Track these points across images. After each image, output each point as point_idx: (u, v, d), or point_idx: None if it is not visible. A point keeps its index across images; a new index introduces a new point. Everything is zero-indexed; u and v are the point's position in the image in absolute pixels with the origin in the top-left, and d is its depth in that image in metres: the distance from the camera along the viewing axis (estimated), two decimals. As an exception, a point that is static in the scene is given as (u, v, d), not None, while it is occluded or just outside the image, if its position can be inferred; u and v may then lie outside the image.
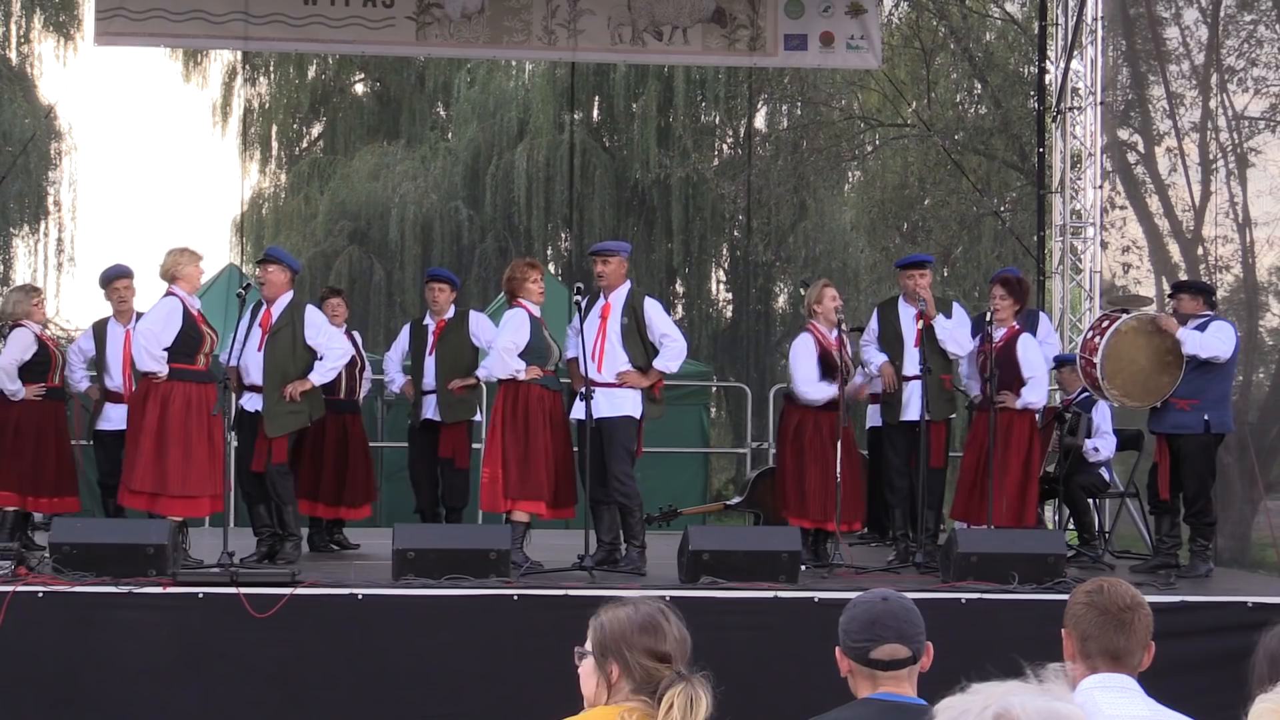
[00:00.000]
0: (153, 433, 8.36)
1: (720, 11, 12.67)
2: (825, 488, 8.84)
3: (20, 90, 22.08)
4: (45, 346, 9.31)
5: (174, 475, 8.37)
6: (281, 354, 8.70)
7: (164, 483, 8.35)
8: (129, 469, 8.44)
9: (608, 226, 22.25)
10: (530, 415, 8.61)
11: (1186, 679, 6.54)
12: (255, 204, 25.15)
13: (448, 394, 9.38)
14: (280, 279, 8.88)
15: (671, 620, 3.05)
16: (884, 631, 3.16)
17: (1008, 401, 8.98)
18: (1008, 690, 1.87)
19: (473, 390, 9.49)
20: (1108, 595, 3.31)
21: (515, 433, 8.59)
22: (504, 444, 8.58)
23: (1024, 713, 1.80)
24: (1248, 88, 17.46)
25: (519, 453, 8.54)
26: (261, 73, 25.23)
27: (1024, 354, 9.09)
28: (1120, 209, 17.40)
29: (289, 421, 8.73)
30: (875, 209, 22.06)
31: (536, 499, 8.57)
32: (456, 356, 9.45)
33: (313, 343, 8.79)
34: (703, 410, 15.94)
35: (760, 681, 7.18)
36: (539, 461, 8.54)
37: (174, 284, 8.69)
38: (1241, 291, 16.92)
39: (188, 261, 8.76)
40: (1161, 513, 9.20)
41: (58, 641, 7.16)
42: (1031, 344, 9.27)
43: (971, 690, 1.90)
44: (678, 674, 2.92)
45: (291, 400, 8.66)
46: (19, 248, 23.35)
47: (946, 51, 20.92)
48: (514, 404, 8.65)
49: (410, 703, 7.28)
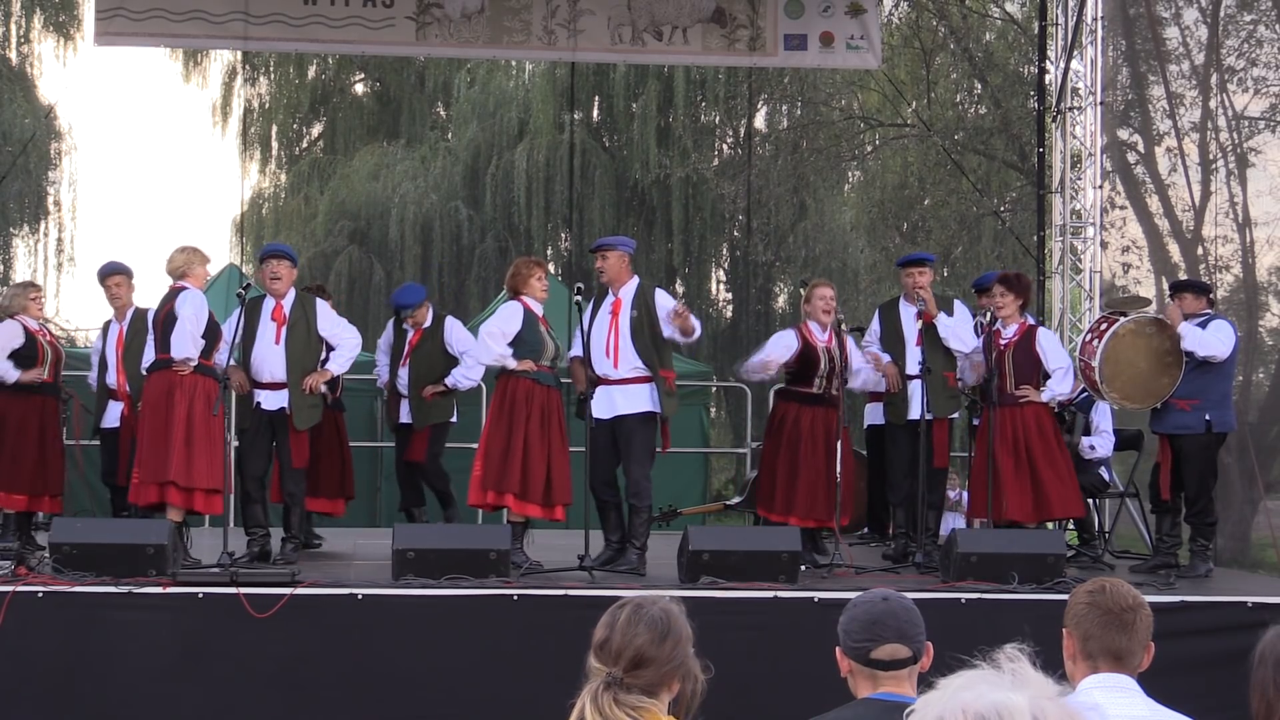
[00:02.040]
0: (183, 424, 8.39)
1: (720, 11, 12.67)
2: (813, 486, 8.79)
3: (20, 90, 22.09)
4: (34, 340, 9.27)
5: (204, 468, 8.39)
6: (299, 347, 8.73)
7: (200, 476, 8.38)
8: (158, 463, 8.37)
9: (608, 226, 22.25)
10: (515, 408, 8.55)
11: (1186, 679, 6.54)
12: (255, 204, 25.16)
13: (420, 399, 9.40)
14: (291, 274, 8.93)
15: (624, 618, 3.01)
16: (884, 631, 3.16)
17: (1030, 395, 8.90)
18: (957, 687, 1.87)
19: (447, 396, 9.49)
20: (1109, 595, 3.31)
21: (500, 426, 8.54)
22: (488, 436, 8.59)
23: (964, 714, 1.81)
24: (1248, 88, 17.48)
25: (500, 445, 8.51)
26: (261, 73, 25.24)
27: (1046, 346, 9.03)
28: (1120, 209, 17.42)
29: (313, 415, 8.79)
30: (875, 209, 22.06)
31: (514, 493, 8.47)
32: (431, 362, 9.45)
33: (326, 334, 8.85)
34: (702, 410, 15.94)
35: (760, 681, 7.18)
36: (517, 456, 8.47)
37: (183, 281, 8.71)
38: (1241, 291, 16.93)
39: (199, 261, 8.82)
40: (1162, 512, 9.19)
41: (58, 641, 7.16)
42: (1052, 336, 9.25)
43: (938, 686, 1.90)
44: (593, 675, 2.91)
45: (311, 393, 8.70)
46: (19, 248, 23.39)
47: (946, 51, 20.92)
48: (503, 397, 8.62)
49: (410, 703, 7.28)
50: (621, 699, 2.86)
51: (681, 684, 2.97)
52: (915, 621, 3.19)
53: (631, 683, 2.91)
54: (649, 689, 2.94)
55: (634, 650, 2.94)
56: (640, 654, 2.94)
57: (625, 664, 2.92)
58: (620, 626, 2.97)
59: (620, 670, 2.91)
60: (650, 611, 3.01)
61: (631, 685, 2.91)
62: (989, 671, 1.89)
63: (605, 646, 2.96)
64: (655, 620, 2.98)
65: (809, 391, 8.89)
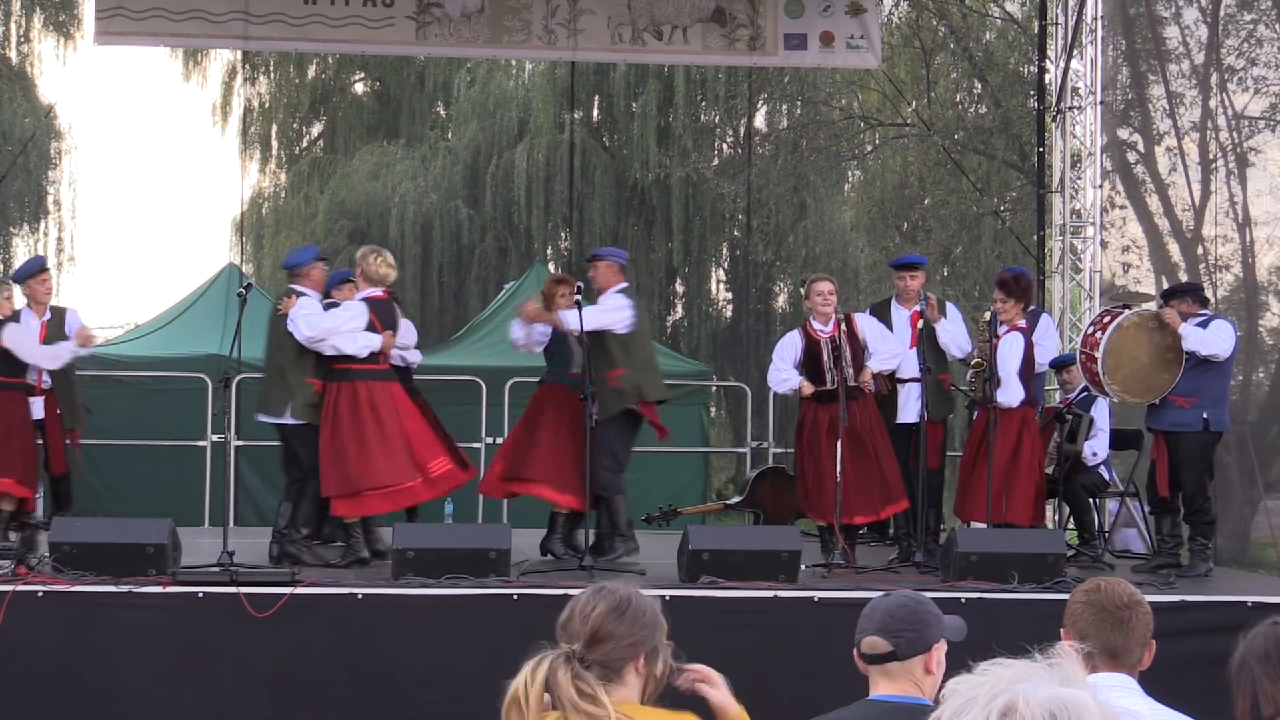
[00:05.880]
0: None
1: (720, 11, 12.67)
2: (821, 483, 8.81)
3: (20, 90, 22.09)
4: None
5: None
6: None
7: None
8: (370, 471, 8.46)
9: (608, 226, 22.25)
10: (542, 409, 8.91)
11: (1186, 678, 6.53)
12: (255, 203, 25.16)
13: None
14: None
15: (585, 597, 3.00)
16: (868, 624, 3.16)
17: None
18: (1015, 675, 1.82)
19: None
20: (1105, 594, 3.31)
21: (522, 421, 9.04)
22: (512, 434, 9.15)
23: (1028, 704, 1.77)
24: (1248, 87, 17.47)
25: (515, 437, 9.03)
26: (261, 72, 25.23)
27: (1003, 354, 8.85)
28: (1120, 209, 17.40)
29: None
30: (875, 209, 22.07)
31: (527, 480, 8.84)
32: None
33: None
34: (702, 410, 15.94)
35: (760, 681, 7.17)
36: (526, 445, 8.86)
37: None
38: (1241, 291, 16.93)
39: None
40: (1162, 512, 9.19)
41: (58, 641, 7.16)
42: (1012, 344, 8.93)
43: (979, 670, 1.86)
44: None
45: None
46: (19, 247, 23.37)
47: (946, 51, 20.93)
48: (534, 400, 9.07)
49: (410, 703, 7.28)
50: (578, 673, 2.86)
51: (648, 664, 2.97)
52: (905, 618, 3.14)
53: (590, 658, 2.91)
54: (608, 665, 2.93)
55: (591, 626, 2.95)
56: (597, 629, 2.94)
57: (584, 640, 2.93)
58: (580, 604, 2.99)
59: (580, 646, 2.92)
60: (612, 591, 3.02)
61: (591, 661, 2.91)
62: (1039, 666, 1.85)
63: (567, 625, 2.98)
64: (615, 599, 3.00)
65: (823, 389, 8.90)
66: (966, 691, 1.82)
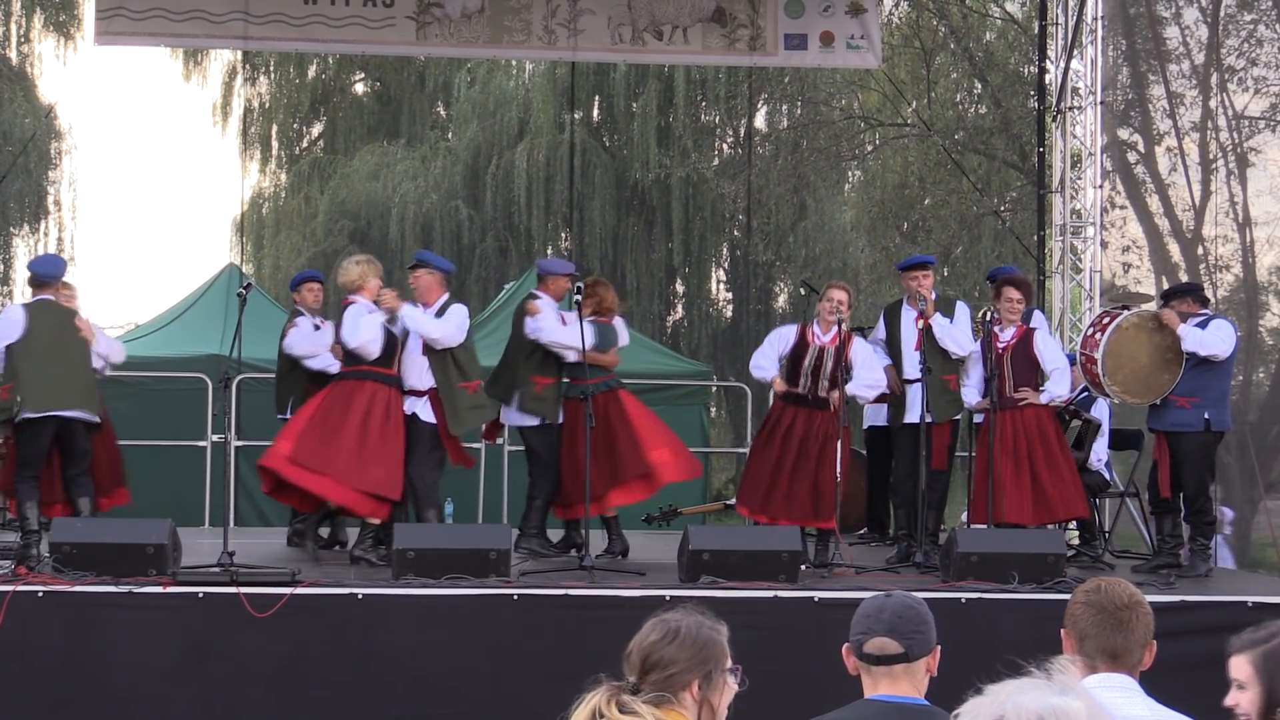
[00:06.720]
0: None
1: (720, 11, 12.67)
2: (815, 488, 8.77)
3: (20, 90, 22.10)
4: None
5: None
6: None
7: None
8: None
9: (608, 226, 22.26)
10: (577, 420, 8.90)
11: (1186, 679, 6.53)
12: (255, 204, 25.17)
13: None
14: (430, 281, 8.84)
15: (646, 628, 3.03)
16: (876, 625, 3.15)
17: (1029, 397, 8.91)
18: (1012, 690, 1.87)
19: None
20: (1105, 594, 3.30)
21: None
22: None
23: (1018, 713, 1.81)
24: (1248, 87, 17.50)
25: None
26: (261, 72, 25.24)
27: (1043, 348, 9.05)
28: (1120, 209, 17.43)
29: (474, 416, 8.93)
30: (875, 209, 22.08)
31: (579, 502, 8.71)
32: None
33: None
34: (702, 410, 15.94)
35: (760, 681, 7.15)
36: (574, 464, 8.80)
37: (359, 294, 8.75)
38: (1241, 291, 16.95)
39: (373, 274, 8.81)
40: (1163, 512, 9.18)
41: (58, 641, 7.16)
42: (1049, 338, 9.25)
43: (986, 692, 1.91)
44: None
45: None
46: (19, 247, 23.41)
47: (946, 51, 20.93)
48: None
49: (410, 702, 7.28)
50: (625, 702, 2.87)
51: (703, 690, 2.99)
52: (913, 620, 3.16)
53: (644, 686, 2.93)
54: (664, 691, 2.94)
55: (643, 654, 2.97)
56: (648, 656, 2.97)
57: (638, 670, 2.96)
58: (639, 635, 3.02)
59: (635, 677, 2.94)
60: (666, 620, 3.05)
61: (647, 689, 2.93)
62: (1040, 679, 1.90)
63: (628, 657, 3.00)
64: (667, 626, 3.03)
65: (796, 392, 8.86)
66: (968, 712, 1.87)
